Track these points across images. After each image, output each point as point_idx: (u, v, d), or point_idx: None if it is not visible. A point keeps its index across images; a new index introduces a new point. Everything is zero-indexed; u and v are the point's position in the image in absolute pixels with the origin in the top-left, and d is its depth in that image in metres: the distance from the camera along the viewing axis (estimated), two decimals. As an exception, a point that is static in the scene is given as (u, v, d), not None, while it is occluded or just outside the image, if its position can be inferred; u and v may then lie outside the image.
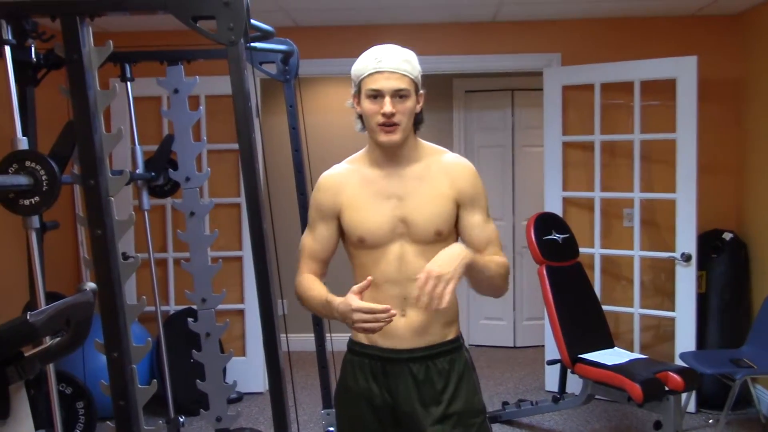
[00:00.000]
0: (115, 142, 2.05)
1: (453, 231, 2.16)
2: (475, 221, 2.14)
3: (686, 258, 4.54)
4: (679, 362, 4.27)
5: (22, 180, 2.01)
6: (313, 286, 2.16)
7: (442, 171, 2.15)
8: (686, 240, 4.56)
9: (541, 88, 5.05)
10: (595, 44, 4.99)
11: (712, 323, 4.70)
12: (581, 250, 4.58)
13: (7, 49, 2.33)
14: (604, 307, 4.53)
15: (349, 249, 2.20)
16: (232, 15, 1.97)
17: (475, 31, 5.04)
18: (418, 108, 2.12)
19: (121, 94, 2.96)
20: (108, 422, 2.25)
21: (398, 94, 2.04)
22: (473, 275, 2.04)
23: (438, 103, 6.20)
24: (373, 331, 1.97)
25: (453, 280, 1.89)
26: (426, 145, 2.21)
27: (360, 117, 2.16)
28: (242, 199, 4.97)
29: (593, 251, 4.89)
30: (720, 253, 4.73)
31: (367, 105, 2.07)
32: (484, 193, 2.18)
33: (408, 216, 2.09)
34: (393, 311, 1.94)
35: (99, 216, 1.99)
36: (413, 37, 5.07)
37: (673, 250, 4.62)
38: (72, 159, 2.61)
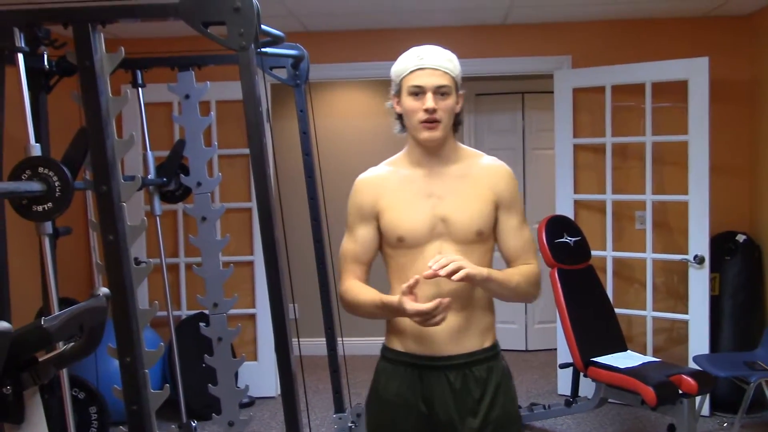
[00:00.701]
0: (127, 148, 2.06)
1: (491, 234, 2.15)
2: (511, 225, 2.14)
3: (699, 260, 4.51)
4: (692, 365, 4.25)
5: (35, 186, 2.02)
6: (361, 291, 2.14)
7: (481, 172, 2.15)
8: (699, 242, 4.53)
9: (552, 91, 5.04)
10: (606, 46, 4.98)
11: (725, 326, 4.67)
12: (593, 252, 4.56)
13: (20, 56, 2.34)
14: (617, 310, 4.52)
15: (387, 250, 2.18)
16: (242, 20, 1.97)
17: (485, 34, 5.04)
18: (458, 108, 2.12)
19: (132, 100, 2.97)
20: (121, 427, 2.26)
21: (440, 91, 2.05)
22: (493, 290, 2.06)
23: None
24: (437, 324, 1.96)
25: (466, 271, 1.91)
26: (464, 147, 2.22)
27: (399, 118, 2.18)
28: (253, 204, 4.99)
29: (605, 254, 4.88)
30: (733, 255, 4.70)
31: (409, 102, 2.09)
32: (521, 199, 2.19)
33: (448, 215, 2.08)
34: (446, 299, 1.94)
35: (111, 221, 2.00)
36: (423, 40, 5.04)
37: (686, 253, 4.59)
38: (84, 165, 2.63)
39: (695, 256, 4.53)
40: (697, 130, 4.50)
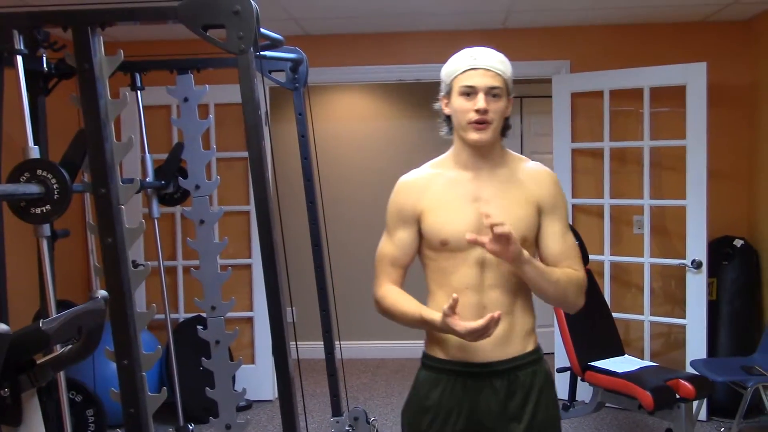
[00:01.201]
0: (125, 151, 2.05)
1: (534, 242, 2.13)
2: (553, 230, 2.11)
3: (697, 265, 4.52)
4: (690, 370, 4.25)
5: (34, 188, 2.02)
6: (400, 300, 2.11)
7: (526, 177, 2.13)
8: (697, 247, 4.54)
9: (550, 95, 5.04)
10: (604, 51, 4.99)
11: (723, 330, 4.68)
12: (591, 257, 4.57)
13: (19, 58, 2.34)
14: (614, 315, 4.52)
15: (428, 253, 2.15)
16: (241, 24, 1.97)
17: (484, 38, 5.01)
18: (508, 111, 2.10)
19: (131, 103, 2.97)
20: (118, 429, 2.26)
21: (492, 93, 2.02)
22: (533, 278, 2.02)
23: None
24: (486, 337, 1.94)
25: (508, 240, 1.91)
26: (510, 152, 2.20)
27: (447, 119, 2.14)
28: (251, 207, 4.99)
29: (603, 258, 4.88)
30: (731, 260, 4.71)
31: (460, 102, 2.05)
32: (565, 203, 2.16)
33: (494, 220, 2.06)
34: (497, 312, 1.92)
35: (109, 224, 1.99)
36: (422, 44, 5.09)
37: (684, 257, 4.60)
38: (83, 168, 2.63)
39: (693, 261, 4.53)
40: (695, 135, 4.51)
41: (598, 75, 4.83)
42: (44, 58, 2.82)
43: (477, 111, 2.01)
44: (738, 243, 4.74)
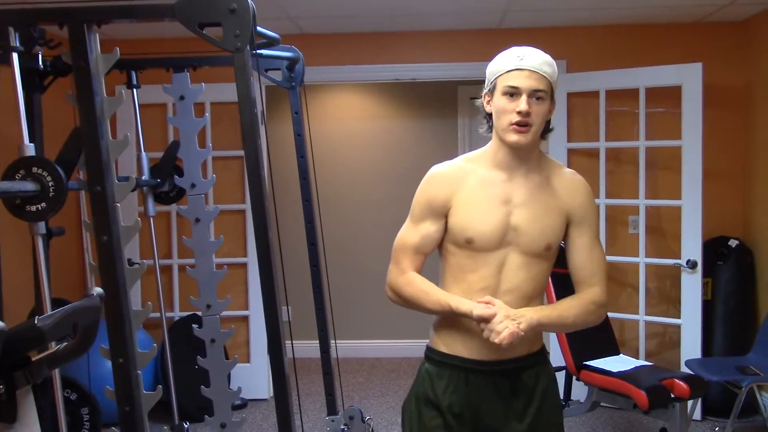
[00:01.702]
0: (121, 149, 2.05)
1: (557, 250, 2.13)
2: (582, 242, 2.11)
3: (692, 265, 4.53)
4: (684, 369, 4.27)
5: (29, 186, 2.01)
6: (426, 287, 2.10)
7: (559, 184, 2.11)
8: (692, 247, 4.55)
9: (546, 95, 5.04)
10: (601, 51, 4.99)
11: (717, 330, 4.69)
12: (586, 256, 4.56)
13: (15, 56, 2.33)
14: (610, 314, 4.53)
15: (449, 247, 2.13)
16: (238, 22, 1.97)
17: (480, 38, 5.05)
18: (550, 115, 2.07)
19: (127, 101, 2.97)
20: (113, 428, 2.26)
21: (536, 95, 1.99)
22: (553, 330, 2.07)
23: (443, 110, 6.20)
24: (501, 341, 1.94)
25: (513, 328, 1.92)
26: (548, 157, 2.18)
27: (488, 117, 2.11)
28: (247, 206, 4.99)
29: (598, 258, 4.88)
30: (726, 260, 4.72)
31: (502, 102, 2.02)
32: (597, 215, 2.14)
33: (521, 225, 2.05)
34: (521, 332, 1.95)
35: (105, 222, 1.99)
36: (419, 44, 5.09)
37: (679, 257, 4.61)
38: (78, 165, 2.62)
39: (688, 261, 4.54)
40: (690, 135, 4.52)
41: (594, 75, 4.84)
42: (40, 56, 2.81)
43: (519, 113, 1.98)
44: (733, 243, 4.76)
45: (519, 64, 2.00)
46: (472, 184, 2.09)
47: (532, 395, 2.10)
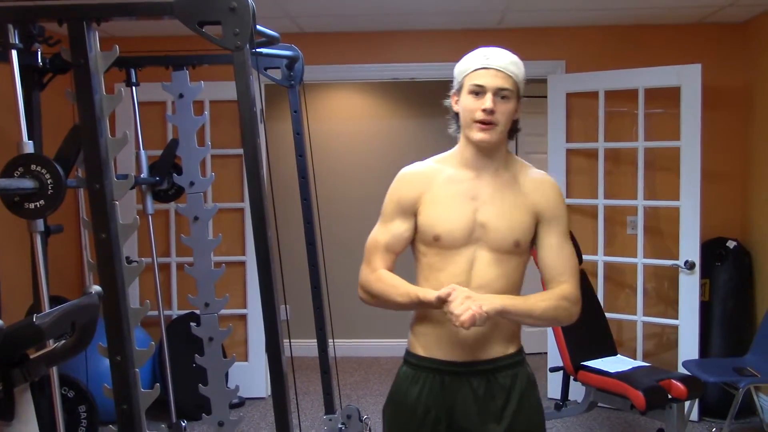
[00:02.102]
0: (120, 147, 2.05)
1: (528, 248, 2.12)
2: (551, 241, 2.10)
3: (690, 266, 4.53)
4: (682, 370, 4.27)
5: (28, 183, 2.01)
6: (395, 282, 2.09)
7: (528, 183, 2.12)
8: (690, 248, 4.55)
9: (545, 96, 5.05)
10: (600, 52, 5.00)
11: (715, 331, 4.69)
12: (585, 257, 4.57)
13: (14, 53, 2.33)
14: (608, 315, 4.53)
15: (420, 247, 2.14)
16: (237, 20, 1.97)
17: (479, 38, 5.01)
18: (517, 114, 2.10)
19: (126, 99, 2.97)
20: (110, 426, 2.25)
21: (501, 94, 2.02)
22: (515, 320, 2.04)
23: (442, 110, 6.18)
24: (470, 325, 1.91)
25: (475, 310, 1.88)
26: (516, 157, 2.19)
27: (456, 117, 2.13)
28: (245, 204, 4.98)
29: (596, 258, 4.89)
30: (724, 261, 4.72)
31: (468, 100, 2.05)
32: (566, 214, 2.14)
33: (488, 221, 2.05)
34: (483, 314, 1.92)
35: (104, 220, 1.99)
36: (418, 43, 5.09)
37: (677, 258, 4.61)
38: (77, 163, 2.62)
39: (686, 262, 4.55)
40: (689, 136, 4.52)
41: (593, 75, 4.84)
42: (39, 53, 2.81)
43: (483, 110, 2.01)
44: (731, 244, 4.76)
45: (485, 63, 2.03)
46: (440, 183, 2.12)
47: (509, 396, 2.09)
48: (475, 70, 2.03)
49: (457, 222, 2.06)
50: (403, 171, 2.20)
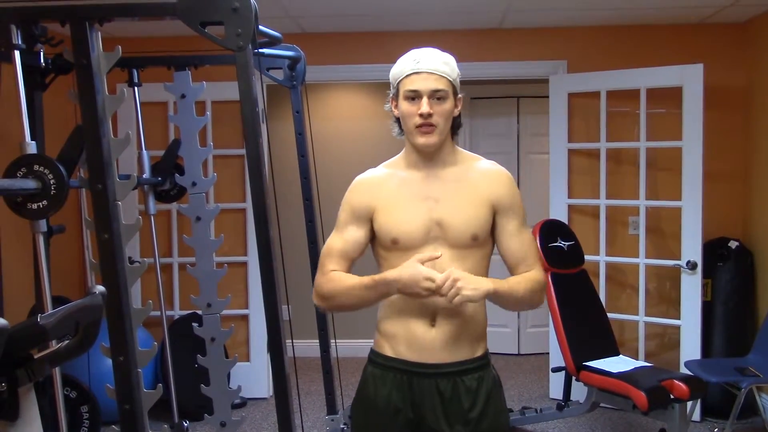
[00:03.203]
0: (122, 147, 2.05)
1: (489, 239, 2.13)
2: (510, 229, 2.12)
3: (692, 266, 4.53)
4: (684, 370, 4.27)
5: (30, 184, 2.02)
6: (344, 277, 2.11)
7: (479, 176, 2.13)
8: (692, 248, 4.55)
9: (547, 96, 5.05)
10: (601, 52, 4.99)
11: (717, 331, 4.69)
12: (586, 257, 4.58)
13: (17, 53, 2.33)
14: (609, 315, 4.53)
15: (380, 252, 2.16)
16: (240, 21, 1.98)
17: (481, 38, 5.05)
18: (456, 111, 2.10)
19: (128, 99, 2.97)
20: (113, 426, 2.26)
21: (436, 96, 2.03)
22: (499, 302, 2.05)
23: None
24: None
25: (467, 292, 1.91)
26: (462, 151, 2.20)
27: (397, 121, 2.16)
28: (247, 205, 4.99)
29: (598, 259, 4.89)
30: (726, 261, 4.72)
31: (405, 106, 2.07)
32: (521, 202, 2.16)
33: (444, 218, 2.06)
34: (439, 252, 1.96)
35: (106, 220, 1.99)
36: (420, 43, 5.04)
37: (679, 258, 4.61)
38: (79, 163, 2.62)
39: (688, 262, 4.54)
40: (691, 136, 4.52)
41: (595, 75, 4.84)
42: (42, 54, 2.81)
43: (421, 115, 2.03)
44: (733, 244, 4.76)
45: (416, 68, 2.04)
46: (392, 187, 2.14)
47: (475, 398, 2.10)
48: (408, 75, 2.05)
49: (413, 223, 2.07)
50: (357, 179, 2.24)
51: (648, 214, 4.84)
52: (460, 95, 2.10)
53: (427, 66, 2.04)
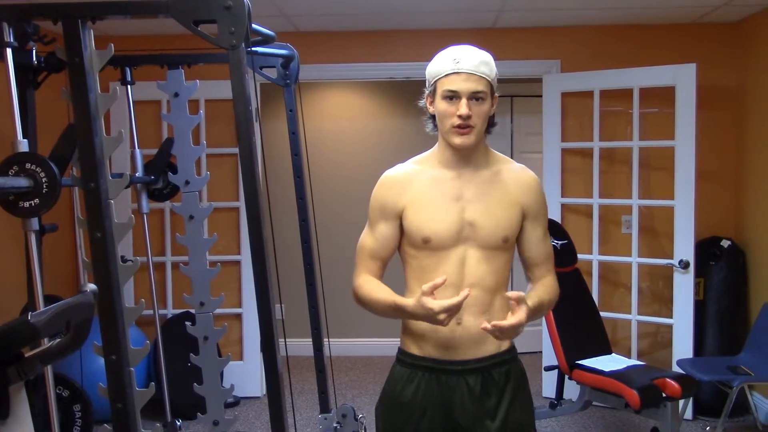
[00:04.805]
0: (115, 146, 2.05)
1: (515, 243, 2.16)
2: (537, 235, 2.16)
3: (684, 265, 4.55)
4: (676, 369, 4.28)
5: (22, 182, 2.01)
6: (376, 289, 2.12)
7: (511, 179, 2.14)
8: (684, 247, 4.56)
9: (541, 95, 5.06)
10: (595, 51, 5.00)
11: (709, 330, 4.71)
12: (579, 256, 4.59)
13: (9, 51, 2.33)
14: (602, 314, 4.54)
15: (408, 250, 2.16)
16: (233, 19, 1.97)
17: (475, 37, 5.00)
18: (492, 111, 2.10)
19: (121, 98, 2.96)
20: (105, 425, 2.25)
21: (475, 97, 2.01)
22: (533, 318, 2.07)
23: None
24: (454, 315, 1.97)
25: (521, 319, 1.95)
26: (494, 152, 2.20)
27: (432, 118, 2.14)
28: (241, 203, 4.98)
29: (591, 258, 4.90)
30: (718, 261, 4.74)
31: (443, 106, 2.05)
32: (547, 208, 2.19)
33: (476, 219, 2.07)
34: (467, 292, 1.93)
35: (98, 219, 1.99)
36: (414, 42, 5.09)
37: (671, 257, 4.62)
38: (72, 162, 2.62)
39: (680, 261, 4.56)
40: (683, 135, 4.53)
41: (588, 75, 4.85)
42: (34, 52, 2.80)
43: (460, 116, 2.01)
44: (725, 243, 4.77)
45: (456, 68, 2.02)
46: (422, 185, 2.13)
47: (503, 393, 2.12)
48: (447, 75, 2.03)
49: (446, 223, 2.07)
50: (385, 174, 2.22)
51: (641, 213, 4.85)
52: (496, 94, 2.09)
53: (468, 66, 2.01)
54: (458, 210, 2.08)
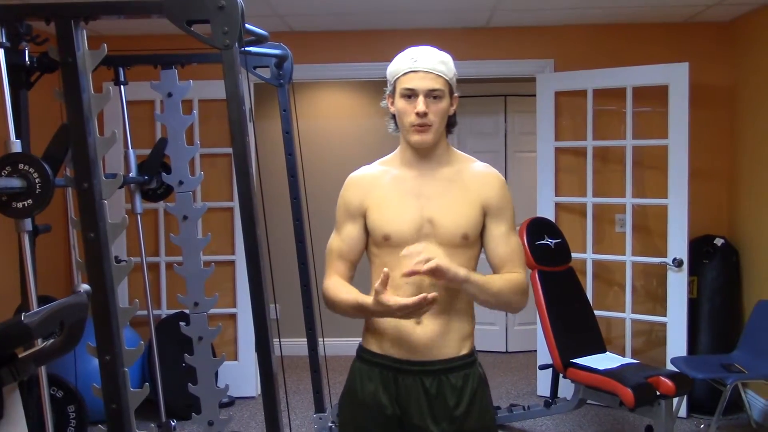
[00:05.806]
0: (108, 146, 2.05)
1: (478, 240, 2.14)
2: (498, 232, 2.12)
3: (678, 263, 4.56)
4: (670, 367, 4.29)
5: (15, 183, 2.01)
6: (341, 289, 2.13)
7: (472, 177, 2.14)
8: (678, 245, 4.58)
9: (534, 94, 5.07)
10: (588, 50, 5.01)
11: (703, 328, 4.72)
12: (573, 255, 4.60)
13: (1, 52, 2.32)
14: (596, 312, 4.55)
15: (372, 249, 2.17)
16: (226, 19, 1.97)
17: (468, 37, 5.06)
18: (452, 110, 2.11)
19: (114, 98, 2.95)
20: (99, 425, 2.25)
21: (432, 95, 2.03)
22: (471, 293, 2.04)
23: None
24: (420, 315, 1.98)
25: (441, 272, 1.91)
26: (457, 151, 2.21)
27: (393, 117, 2.16)
28: (235, 203, 4.97)
29: (585, 256, 4.91)
30: (711, 259, 4.75)
31: (401, 104, 2.07)
32: (512, 206, 2.17)
33: (435, 216, 2.07)
34: (432, 294, 1.90)
35: (92, 219, 1.99)
36: (407, 42, 5.03)
37: (665, 256, 4.64)
38: (65, 162, 2.61)
39: (674, 260, 4.57)
40: (676, 134, 4.55)
41: (581, 74, 4.86)
42: (26, 52, 2.80)
43: (417, 114, 2.03)
44: (719, 242, 4.79)
45: (413, 66, 2.05)
46: (386, 185, 2.16)
47: (460, 397, 2.11)
48: (405, 73, 2.05)
49: (405, 220, 2.09)
50: (350, 176, 2.26)
51: (635, 212, 4.87)
52: (456, 94, 2.11)
53: (425, 65, 2.04)
54: (418, 207, 2.09)
